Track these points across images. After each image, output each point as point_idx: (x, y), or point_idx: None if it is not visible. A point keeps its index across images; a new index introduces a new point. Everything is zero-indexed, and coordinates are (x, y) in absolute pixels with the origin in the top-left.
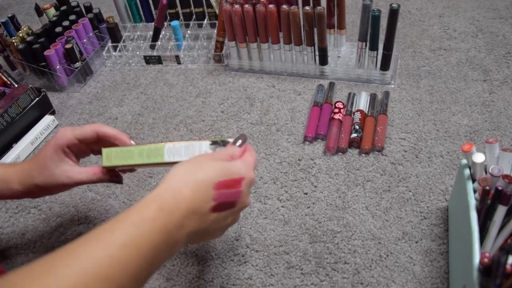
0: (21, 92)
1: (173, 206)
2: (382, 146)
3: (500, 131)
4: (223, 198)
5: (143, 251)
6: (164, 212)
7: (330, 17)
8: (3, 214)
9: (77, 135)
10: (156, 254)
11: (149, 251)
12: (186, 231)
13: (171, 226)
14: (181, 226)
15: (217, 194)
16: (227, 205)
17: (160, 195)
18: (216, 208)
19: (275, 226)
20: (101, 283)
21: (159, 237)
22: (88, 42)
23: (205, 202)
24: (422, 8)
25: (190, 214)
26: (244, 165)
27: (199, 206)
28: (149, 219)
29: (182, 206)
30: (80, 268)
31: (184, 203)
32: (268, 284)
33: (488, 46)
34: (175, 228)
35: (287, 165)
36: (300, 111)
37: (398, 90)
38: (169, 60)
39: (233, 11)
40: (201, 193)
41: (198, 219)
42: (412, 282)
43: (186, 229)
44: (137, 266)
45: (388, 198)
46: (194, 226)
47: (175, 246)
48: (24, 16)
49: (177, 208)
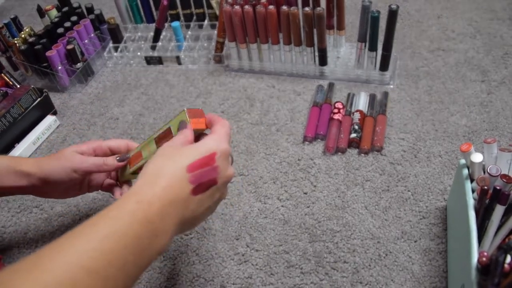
0: (23, 93)
1: (151, 197)
2: (381, 146)
3: (498, 131)
4: (200, 178)
5: (125, 241)
6: (143, 204)
7: (329, 18)
8: (6, 214)
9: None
10: (142, 245)
11: (132, 241)
12: (173, 221)
13: (152, 216)
14: (163, 216)
15: (192, 176)
16: (208, 184)
17: (138, 190)
18: (197, 190)
19: (275, 226)
20: (87, 275)
21: (141, 228)
22: (89, 43)
23: (182, 188)
24: (421, 9)
25: (171, 203)
26: (213, 140)
27: (178, 192)
28: (128, 211)
29: (160, 196)
30: (65, 261)
31: (162, 193)
32: (268, 283)
33: (486, 47)
34: (157, 218)
35: (287, 165)
36: (299, 111)
37: (397, 90)
38: (169, 61)
39: (233, 12)
40: (176, 179)
41: (181, 206)
42: (411, 281)
43: (172, 218)
44: (122, 257)
45: (387, 198)
46: (180, 213)
47: (163, 236)
48: (26, 17)
49: (155, 199)
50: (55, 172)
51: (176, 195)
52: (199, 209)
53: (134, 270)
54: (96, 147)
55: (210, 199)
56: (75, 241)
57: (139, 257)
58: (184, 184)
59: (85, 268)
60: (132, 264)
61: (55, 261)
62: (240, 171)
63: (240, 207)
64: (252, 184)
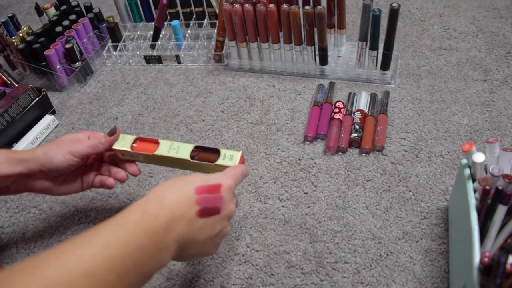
0: (21, 92)
1: (158, 210)
2: (382, 145)
3: (501, 131)
4: (206, 202)
5: (127, 249)
6: (148, 215)
7: (330, 16)
8: (4, 214)
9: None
10: (143, 255)
11: (134, 250)
12: (175, 235)
13: (157, 228)
14: (168, 229)
15: (199, 198)
16: (212, 210)
17: (145, 202)
18: (202, 213)
19: (276, 226)
20: (86, 278)
21: (144, 238)
22: (88, 42)
23: (189, 207)
24: (423, 7)
25: (176, 218)
26: (220, 175)
27: (184, 210)
28: (133, 220)
29: (166, 209)
30: (64, 264)
31: (168, 207)
32: (269, 283)
33: (488, 45)
34: (162, 230)
35: (287, 165)
36: (300, 110)
37: (398, 89)
38: (169, 60)
39: (233, 11)
40: (184, 198)
41: (185, 224)
42: (412, 281)
43: (175, 233)
44: (122, 264)
45: (388, 198)
46: (183, 231)
47: (164, 251)
48: (24, 16)
49: (161, 212)
50: (52, 155)
51: (182, 213)
52: (201, 234)
53: (133, 280)
54: (91, 134)
55: (212, 228)
56: (77, 245)
57: (140, 268)
58: (191, 204)
59: (83, 272)
60: (132, 273)
61: (54, 263)
62: None
63: (240, 207)
64: (252, 184)
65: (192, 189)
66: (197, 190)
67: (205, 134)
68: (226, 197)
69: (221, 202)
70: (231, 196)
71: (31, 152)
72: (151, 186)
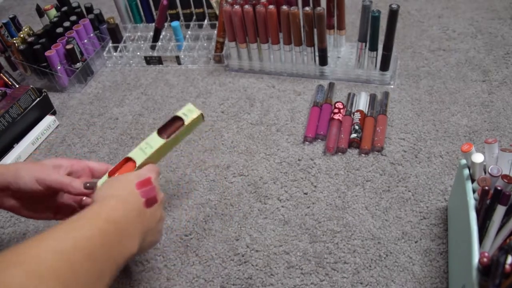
0: (22, 93)
1: (114, 204)
2: (382, 146)
3: (499, 131)
4: (147, 194)
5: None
6: (106, 206)
7: (329, 17)
8: (5, 214)
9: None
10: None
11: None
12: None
13: (116, 217)
14: (128, 219)
15: (142, 192)
16: (153, 200)
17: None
18: (147, 204)
19: (275, 226)
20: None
21: (106, 225)
22: (88, 43)
23: (137, 200)
24: (422, 9)
25: (132, 210)
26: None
27: (134, 203)
28: (94, 210)
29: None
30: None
31: (122, 202)
32: (268, 283)
33: (487, 46)
34: (121, 219)
35: (287, 165)
36: (300, 111)
37: (398, 90)
38: (169, 61)
39: (233, 12)
40: (130, 193)
41: (140, 215)
42: (411, 281)
43: (136, 223)
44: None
45: (388, 198)
46: (140, 221)
47: (129, 238)
48: (25, 17)
49: (118, 205)
50: (20, 176)
51: (134, 205)
52: (152, 222)
53: (102, 264)
54: (75, 162)
55: (156, 215)
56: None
57: (107, 251)
58: (138, 198)
59: (52, 249)
60: (100, 255)
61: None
62: (240, 171)
63: (240, 207)
64: (252, 184)
65: (133, 186)
66: (137, 185)
67: (205, 134)
68: (156, 186)
69: (155, 191)
70: (158, 185)
71: (6, 166)
72: None
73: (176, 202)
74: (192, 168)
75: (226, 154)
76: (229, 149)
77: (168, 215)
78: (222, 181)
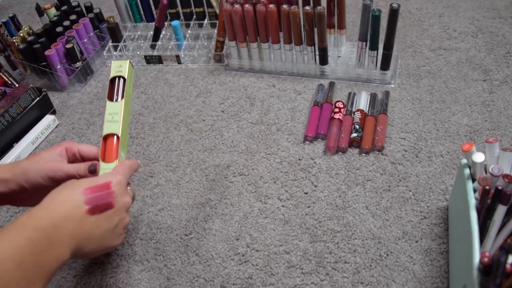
0: (22, 92)
1: (43, 213)
2: (382, 145)
3: (500, 131)
4: (95, 200)
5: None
6: (34, 217)
7: (330, 17)
8: (4, 214)
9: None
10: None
11: (26, 243)
12: (67, 232)
13: (44, 226)
14: (56, 227)
15: (88, 199)
16: (104, 206)
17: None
18: (93, 211)
19: (276, 226)
20: None
21: (34, 233)
22: (88, 42)
23: (77, 207)
24: (422, 8)
25: (64, 218)
26: (109, 174)
27: (71, 210)
28: (21, 222)
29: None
30: None
31: (53, 210)
32: (269, 283)
33: (488, 46)
34: (49, 227)
35: (287, 165)
36: (300, 110)
37: (398, 89)
38: (169, 60)
39: (234, 11)
40: (70, 200)
41: (76, 222)
42: (412, 281)
43: (65, 230)
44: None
45: (388, 198)
46: (74, 229)
47: (59, 245)
48: (25, 16)
49: (47, 215)
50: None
51: (70, 213)
52: (98, 229)
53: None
54: (69, 148)
55: (109, 221)
56: None
57: (36, 258)
58: (79, 204)
59: None
60: (30, 263)
61: None
62: (240, 171)
63: (240, 207)
64: (252, 184)
65: (79, 192)
66: (85, 191)
67: (205, 134)
68: (117, 191)
69: (113, 197)
70: (123, 190)
71: (11, 171)
72: (151, 185)
73: (176, 202)
74: (192, 167)
75: (226, 154)
76: (229, 148)
77: (168, 214)
78: (222, 180)
